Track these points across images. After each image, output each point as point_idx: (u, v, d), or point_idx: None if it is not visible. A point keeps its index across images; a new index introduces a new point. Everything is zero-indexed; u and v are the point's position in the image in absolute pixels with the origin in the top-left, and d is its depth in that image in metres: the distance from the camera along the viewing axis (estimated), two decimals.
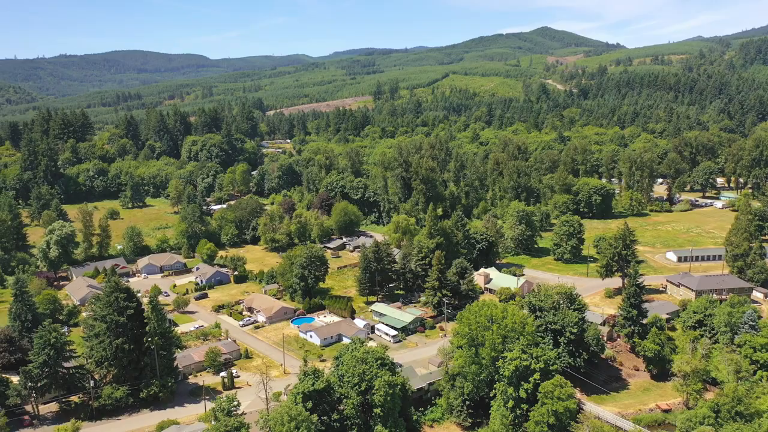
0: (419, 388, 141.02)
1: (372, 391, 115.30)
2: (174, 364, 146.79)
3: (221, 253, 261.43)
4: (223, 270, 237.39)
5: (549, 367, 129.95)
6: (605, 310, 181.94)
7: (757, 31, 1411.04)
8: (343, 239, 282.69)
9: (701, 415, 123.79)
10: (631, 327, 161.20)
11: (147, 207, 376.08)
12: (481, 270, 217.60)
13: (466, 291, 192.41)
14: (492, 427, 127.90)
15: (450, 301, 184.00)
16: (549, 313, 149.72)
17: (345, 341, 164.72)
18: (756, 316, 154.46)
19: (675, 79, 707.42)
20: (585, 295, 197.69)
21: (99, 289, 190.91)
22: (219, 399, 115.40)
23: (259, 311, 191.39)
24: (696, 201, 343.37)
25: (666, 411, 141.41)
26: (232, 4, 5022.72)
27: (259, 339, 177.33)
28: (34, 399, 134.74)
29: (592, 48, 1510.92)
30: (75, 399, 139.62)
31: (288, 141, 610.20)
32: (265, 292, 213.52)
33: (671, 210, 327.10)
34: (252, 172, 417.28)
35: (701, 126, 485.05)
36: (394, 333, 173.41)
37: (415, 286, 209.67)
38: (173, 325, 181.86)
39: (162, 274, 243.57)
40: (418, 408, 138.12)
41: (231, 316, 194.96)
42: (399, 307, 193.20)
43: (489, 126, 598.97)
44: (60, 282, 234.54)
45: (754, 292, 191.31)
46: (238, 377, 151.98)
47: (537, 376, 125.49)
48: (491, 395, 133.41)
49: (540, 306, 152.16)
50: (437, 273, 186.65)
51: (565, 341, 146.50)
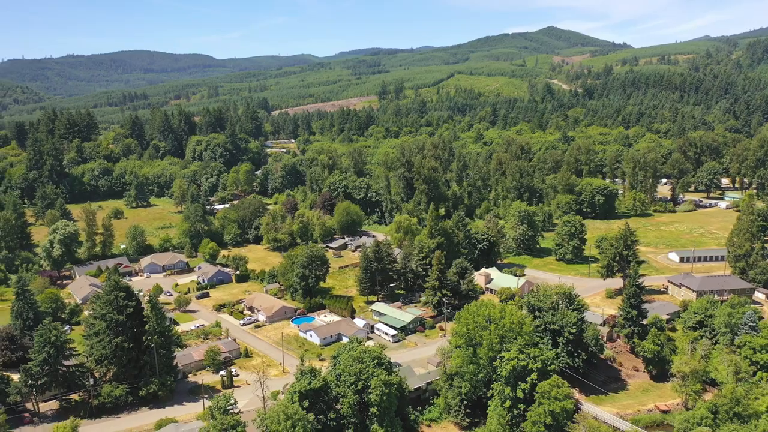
0: (417, 387, 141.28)
1: (368, 391, 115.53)
2: (173, 362, 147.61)
3: (224, 253, 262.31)
4: (225, 269, 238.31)
5: (547, 368, 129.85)
6: (605, 310, 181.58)
7: (765, 31, 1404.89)
8: (345, 239, 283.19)
9: (699, 416, 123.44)
10: (631, 327, 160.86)
11: (151, 206, 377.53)
12: (482, 270, 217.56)
13: (466, 291, 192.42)
14: (489, 427, 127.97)
15: (450, 301, 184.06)
16: (548, 314, 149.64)
17: (344, 341, 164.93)
18: (756, 317, 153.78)
19: (681, 79, 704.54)
20: (586, 296, 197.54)
21: (101, 288, 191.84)
22: (216, 397, 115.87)
23: (260, 310, 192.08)
24: (700, 201, 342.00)
25: (665, 412, 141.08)
26: (235, 4, 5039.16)
27: (259, 338, 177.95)
28: (34, 397, 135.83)
29: (598, 48, 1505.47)
30: (75, 397, 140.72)
31: (292, 141, 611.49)
32: (267, 291, 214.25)
33: (675, 210, 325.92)
34: (256, 171, 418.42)
35: (706, 126, 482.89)
36: (393, 332, 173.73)
37: (416, 285, 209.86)
38: (174, 324, 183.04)
39: (164, 273, 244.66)
40: (416, 407, 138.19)
41: (232, 315, 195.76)
42: (399, 307, 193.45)
43: (493, 126, 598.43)
44: (63, 281, 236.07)
45: (755, 293, 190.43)
46: (237, 376, 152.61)
47: (534, 376, 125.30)
48: (489, 395, 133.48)
49: (539, 306, 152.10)
50: (437, 273, 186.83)
51: (564, 341, 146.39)
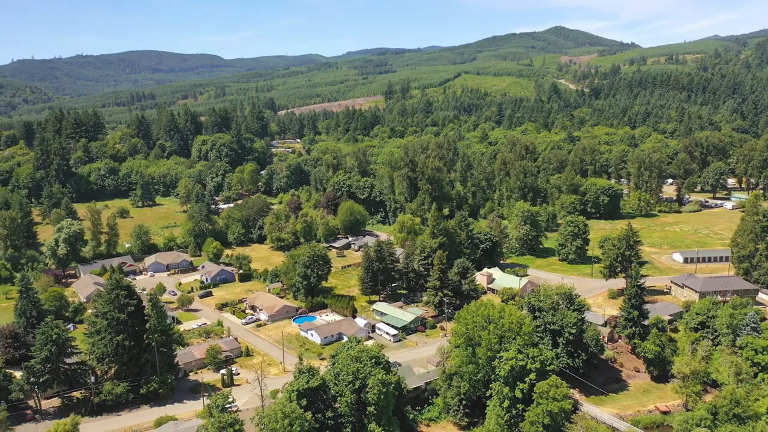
0: (416, 387, 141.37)
1: (366, 390, 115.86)
2: (174, 361, 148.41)
3: (227, 252, 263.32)
4: (229, 268, 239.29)
5: (545, 368, 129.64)
6: (607, 311, 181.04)
7: None
8: (349, 239, 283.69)
9: (698, 417, 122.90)
10: (632, 328, 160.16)
11: (157, 206, 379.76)
12: (484, 270, 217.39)
13: (467, 291, 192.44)
14: (487, 427, 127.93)
15: (451, 301, 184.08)
16: (548, 314, 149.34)
17: (345, 340, 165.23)
18: (758, 318, 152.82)
19: (688, 79, 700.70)
20: (588, 296, 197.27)
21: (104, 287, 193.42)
22: (214, 396, 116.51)
23: (262, 309, 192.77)
24: (706, 202, 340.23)
25: (665, 413, 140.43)
26: (244, 4, 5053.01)
27: (261, 337, 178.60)
28: (36, 394, 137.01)
29: (606, 47, 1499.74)
30: (77, 394, 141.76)
31: (298, 141, 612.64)
32: (269, 290, 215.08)
33: (680, 211, 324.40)
34: (261, 171, 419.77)
35: (713, 126, 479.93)
36: (394, 332, 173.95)
37: (418, 285, 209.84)
38: (176, 323, 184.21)
39: (168, 272, 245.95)
40: (415, 407, 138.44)
41: (234, 314, 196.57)
42: (400, 307, 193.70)
43: (499, 126, 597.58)
44: (68, 279, 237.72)
45: (759, 294, 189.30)
46: (237, 374, 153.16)
47: (533, 376, 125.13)
48: (488, 395, 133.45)
49: (539, 306, 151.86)
50: (439, 273, 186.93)
51: (564, 342, 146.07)
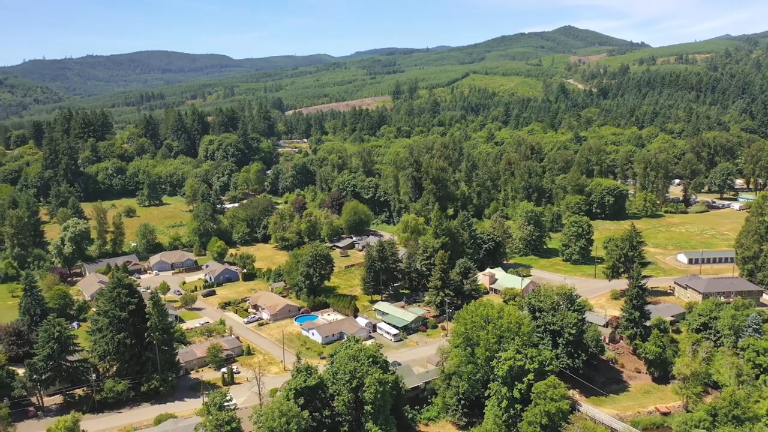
0: (415, 386, 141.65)
1: (363, 389, 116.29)
2: (175, 359, 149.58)
3: (232, 251, 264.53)
4: (232, 268, 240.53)
5: (544, 368, 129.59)
6: (609, 311, 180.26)
7: None
8: (353, 238, 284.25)
9: (697, 419, 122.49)
10: (634, 329, 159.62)
11: (163, 205, 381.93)
12: (487, 270, 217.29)
13: (469, 291, 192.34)
14: (485, 427, 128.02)
15: (452, 301, 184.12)
16: (548, 314, 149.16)
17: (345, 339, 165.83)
18: (760, 319, 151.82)
19: (697, 79, 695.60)
20: (591, 297, 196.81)
21: None
22: (212, 394, 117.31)
23: (264, 308, 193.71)
24: (713, 202, 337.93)
25: (665, 414, 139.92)
26: (256, 5, 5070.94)
27: (263, 336, 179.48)
28: (38, 391, 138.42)
29: (615, 47, 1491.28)
30: (79, 392, 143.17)
31: (305, 141, 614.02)
32: (272, 289, 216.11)
33: (686, 211, 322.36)
34: (267, 171, 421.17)
35: (722, 126, 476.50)
36: (395, 332, 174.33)
37: (420, 285, 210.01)
38: (179, 322, 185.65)
39: (173, 271, 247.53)
40: (414, 406, 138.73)
41: (236, 313, 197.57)
42: (402, 306, 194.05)
43: (506, 126, 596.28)
44: (74, 278, 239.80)
45: (763, 295, 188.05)
46: (238, 373, 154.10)
47: (531, 376, 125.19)
48: (486, 395, 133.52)
49: (539, 306, 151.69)
50: (440, 273, 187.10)
51: (564, 342, 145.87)
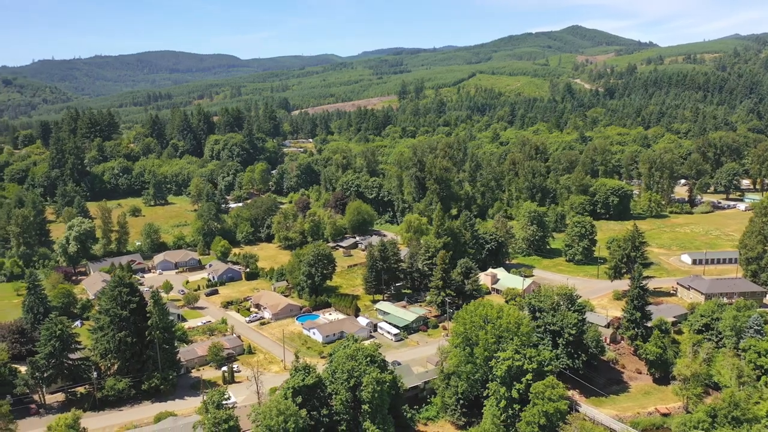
0: (415, 386, 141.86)
1: (360, 388, 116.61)
2: (176, 357, 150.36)
3: (235, 251, 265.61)
4: (236, 267, 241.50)
5: (543, 368, 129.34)
6: (610, 312, 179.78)
7: None
8: (356, 238, 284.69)
9: (696, 420, 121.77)
10: (635, 330, 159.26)
11: (169, 205, 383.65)
12: (489, 270, 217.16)
13: (470, 291, 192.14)
14: (483, 427, 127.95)
15: (454, 301, 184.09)
16: (548, 314, 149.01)
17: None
18: (761, 320, 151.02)
19: (704, 79, 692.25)
20: (593, 297, 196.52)
21: None
22: (210, 392, 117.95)
23: (266, 308, 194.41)
24: (718, 203, 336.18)
25: (665, 415, 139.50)
26: (263, 5, 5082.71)
27: (264, 335, 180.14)
28: (41, 389, 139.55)
29: (623, 47, 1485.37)
30: (81, 389, 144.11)
31: (310, 140, 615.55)
32: (274, 289, 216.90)
33: (692, 212, 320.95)
34: (272, 171, 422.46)
35: (729, 126, 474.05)
36: (396, 331, 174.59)
37: (422, 285, 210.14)
38: (182, 321, 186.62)
39: (177, 270, 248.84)
40: (413, 406, 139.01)
41: (239, 312, 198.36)
42: (404, 306, 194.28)
43: (511, 126, 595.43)
44: (78, 277, 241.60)
45: (766, 296, 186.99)
46: (238, 372, 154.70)
47: (529, 376, 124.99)
48: (485, 395, 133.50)
49: (539, 307, 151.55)
50: (441, 272, 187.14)
51: (564, 342, 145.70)
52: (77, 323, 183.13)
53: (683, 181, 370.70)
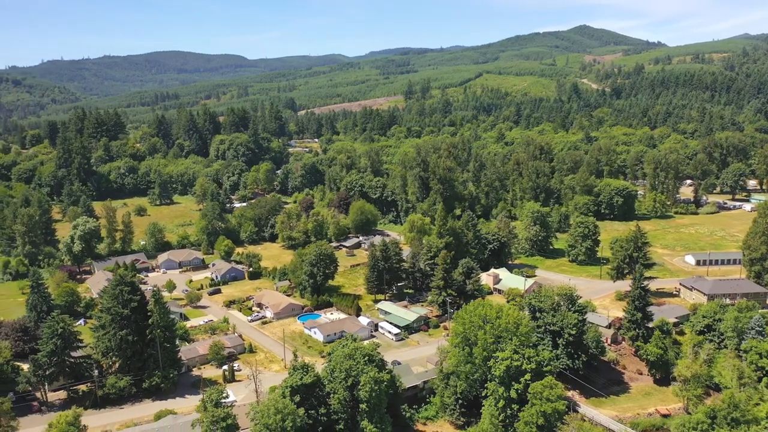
0: (414, 386, 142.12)
1: (358, 387, 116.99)
2: (177, 356, 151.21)
3: (239, 250, 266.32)
4: (239, 266, 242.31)
5: (542, 368, 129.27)
6: (612, 312, 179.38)
7: None
8: (360, 238, 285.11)
9: (695, 421, 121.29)
10: (636, 330, 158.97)
11: (174, 204, 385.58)
12: (491, 270, 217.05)
13: (471, 291, 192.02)
14: (482, 426, 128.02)
15: (455, 301, 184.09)
16: (548, 315, 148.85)
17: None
18: (763, 321, 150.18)
19: (712, 78, 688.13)
20: (595, 298, 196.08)
21: None
22: (209, 390, 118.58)
23: (268, 307, 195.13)
24: (724, 203, 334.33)
25: (665, 416, 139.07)
26: (271, 5, 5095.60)
27: (265, 334, 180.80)
28: (43, 386, 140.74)
29: (631, 46, 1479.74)
30: (83, 387, 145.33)
31: (316, 140, 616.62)
32: (277, 288, 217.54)
33: (697, 212, 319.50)
34: (277, 171, 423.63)
35: (736, 126, 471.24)
36: (396, 331, 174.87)
37: (424, 285, 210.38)
38: (184, 319, 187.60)
39: (180, 269, 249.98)
40: (412, 405, 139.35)
41: (241, 311, 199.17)
42: (405, 306, 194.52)
43: (516, 126, 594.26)
44: (83, 276, 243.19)
45: None
46: (239, 371, 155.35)
47: (528, 376, 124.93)
48: (484, 394, 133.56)
49: (539, 307, 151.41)
50: (443, 272, 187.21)
51: (564, 343, 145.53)
52: (80, 322, 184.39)
53: (689, 182, 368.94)
